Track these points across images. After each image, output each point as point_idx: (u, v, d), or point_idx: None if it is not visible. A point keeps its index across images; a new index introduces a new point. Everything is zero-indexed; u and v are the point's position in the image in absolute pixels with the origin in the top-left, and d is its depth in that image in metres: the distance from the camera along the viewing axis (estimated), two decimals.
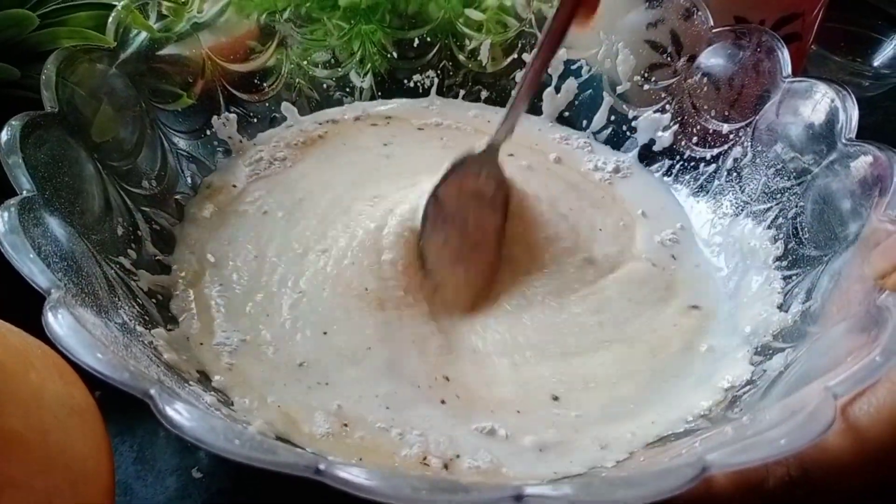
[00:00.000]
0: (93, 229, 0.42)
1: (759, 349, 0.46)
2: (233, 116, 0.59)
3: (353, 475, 0.27)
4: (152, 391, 0.29)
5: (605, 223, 0.57)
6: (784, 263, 0.49)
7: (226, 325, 0.46)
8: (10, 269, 0.33)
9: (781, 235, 0.50)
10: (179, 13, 0.55)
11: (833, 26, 0.73)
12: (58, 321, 0.31)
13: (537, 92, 0.65)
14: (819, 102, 0.49)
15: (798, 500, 0.35)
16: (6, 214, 0.35)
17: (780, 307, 0.47)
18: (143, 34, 0.53)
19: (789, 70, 0.52)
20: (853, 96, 0.47)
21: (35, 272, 0.33)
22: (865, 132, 0.46)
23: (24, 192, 0.38)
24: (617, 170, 0.62)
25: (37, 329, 0.33)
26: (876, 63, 0.80)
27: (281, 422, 0.41)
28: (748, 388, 0.42)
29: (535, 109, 0.66)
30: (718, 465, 0.28)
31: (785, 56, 0.52)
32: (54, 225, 0.38)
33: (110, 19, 0.50)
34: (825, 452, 0.33)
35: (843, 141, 0.46)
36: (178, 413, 0.29)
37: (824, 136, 0.48)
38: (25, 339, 0.36)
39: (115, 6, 0.51)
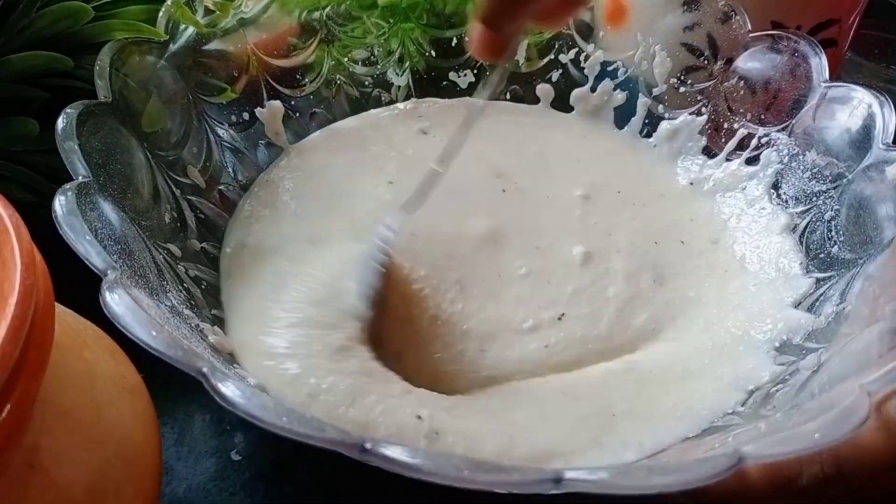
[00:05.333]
0: (143, 215, 0.44)
1: (789, 350, 0.46)
2: (277, 110, 0.60)
3: (398, 454, 0.28)
4: (205, 369, 0.30)
5: None
6: (816, 266, 0.49)
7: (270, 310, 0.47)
8: (63, 256, 0.34)
9: (814, 241, 0.51)
10: (225, 9, 0.57)
11: (867, 33, 0.73)
12: (115, 300, 0.32)
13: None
14: (856, 108, 0.49)
15: (832, 498, 0.35)
16: (64, 198, 0.36)
17: (810, 310, 0.47)
18: (191, 29, 0.54)
19: (827, 75, 0.52)
20: (891, 102, 0.48)
21: (92, 253, 0.34)
22: None
23: (80, 177, 0.39)
24: None
25: (87, 314, 0.35)
26: None
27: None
28: (780, 386, 0.42)
29: (566, 108, 0.67)
30: (754, 455, 0.29)
31: (822, 61, 0.52)
32: (108, 209, 0.39)
33: (160, 13, 0.52)
34: (859, 450, 0.34)
35: (881, 146, 0.46)
36: (230, 389, 0.30)
37: (861, 141, 0.48)
38: (79, 320, 0.37)
39: (164, 1, 0.52)
